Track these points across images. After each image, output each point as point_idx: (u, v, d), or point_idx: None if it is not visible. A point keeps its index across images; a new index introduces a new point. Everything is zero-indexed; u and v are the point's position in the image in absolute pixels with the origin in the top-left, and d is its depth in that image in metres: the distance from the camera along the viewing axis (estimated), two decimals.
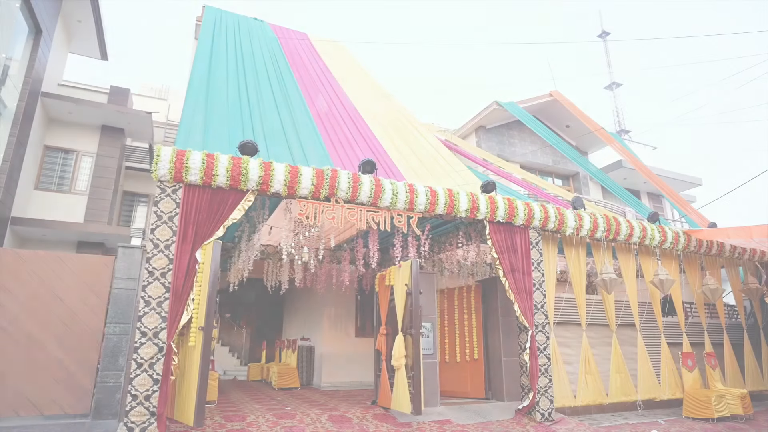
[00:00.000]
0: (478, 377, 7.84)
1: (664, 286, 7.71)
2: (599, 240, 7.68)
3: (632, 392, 7.64)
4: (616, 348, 7.68)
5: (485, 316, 8.06)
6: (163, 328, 4.92)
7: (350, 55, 13.49)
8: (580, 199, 7.71)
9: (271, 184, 5.56)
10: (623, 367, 7.65)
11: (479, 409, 6.91)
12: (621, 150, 12.83)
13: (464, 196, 6.60)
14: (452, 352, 8.29)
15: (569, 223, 7.28)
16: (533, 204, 7.09)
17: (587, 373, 7.30)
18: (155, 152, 5.23)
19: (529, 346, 6.59)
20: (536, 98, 14.10)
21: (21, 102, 10.47)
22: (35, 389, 5.42)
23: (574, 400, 7.10)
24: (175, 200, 5.29)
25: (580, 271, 7.57)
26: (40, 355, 5.50)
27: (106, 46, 14.35)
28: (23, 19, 10.44)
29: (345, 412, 6.34)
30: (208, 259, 5.17)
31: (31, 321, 5.53)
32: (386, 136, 8.74)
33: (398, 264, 6.52)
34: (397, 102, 10.96)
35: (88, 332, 5.75)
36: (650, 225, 8.10)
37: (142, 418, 4.66)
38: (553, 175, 15.22)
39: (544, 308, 6.95)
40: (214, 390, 7.04)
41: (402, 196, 6.20)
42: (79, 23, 13.19)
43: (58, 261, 5.82)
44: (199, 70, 8.38)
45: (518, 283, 6.77)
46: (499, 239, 6.81)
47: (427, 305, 7.33)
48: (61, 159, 12.66)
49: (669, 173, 16.53)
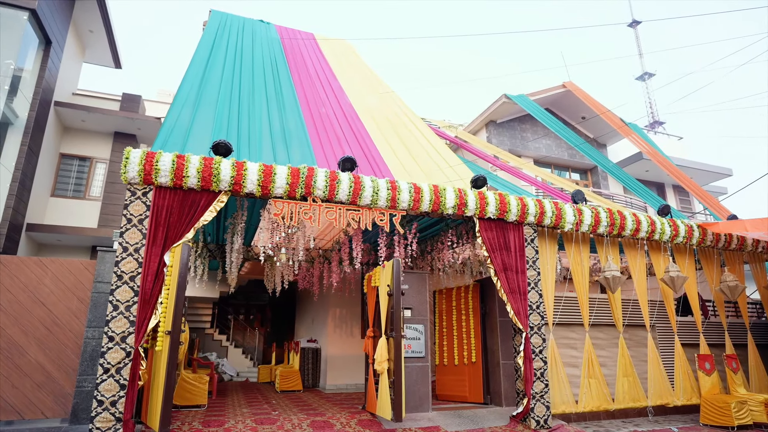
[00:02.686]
0: (477, 381, 7.51)
1: (675, 283, 7.20)
2: (603, 236, 7.24)
3: (642, 397, 7.16)
4: (623, 350, 7.21)
5: (483, 317, 7.73)
6: (131, 333, 4.85)
7: (355, 52, 13.33)
8: (581, 193, 7.29)
9: (244, 184, 5.44)
10: (631, 370, 7.18)
11: (473, 415, 6.61)
12: (639, 142, 12.18)
13: (451, 192, 6.31)
14: (450, 355, 7.99)
15: (568, 218, 6.88)
16: (527, 199, 6.73)
17: (591, 377, 6.88)
18: (124, 154, 5.18)
19: (523, 349, 6.24)
20: (549, 90, 13.58)
21: (32, 111, 10.78)
22: (16, 394, 5.47)
23: (576, 406, 6.70)
24: (145, 203, 5.23)
25: (583, 268, 7.15)
26: (22, 360, 5.55)
27: (119, 54, 14.67)
28: (32, 31, 10.76)
29: (330, 417, 6.15)
30: (176, 262, 5.09)
31: (12, 326, 5.59)
32: (380, 134, 8.52)
33: (382, 264, 6.29)
34: (397, 98, 10.72)
35: (70, 337, 5.78)
36: (660, 219, 7.59)
37: (108, 424, 4.60)
38: (569, 169, 14.63)
39: (541, 309, 6.59)
40: (203, 393, 6.99)
41: (383, 193, 5.97)
42: (91, 33, 13.53)
43: (40, 265, 5.86)
44: (193, 74, 8.35)
45: (511, 282, 6.43)
46: (490, 236, 6.48)
47: (419, 306, 7.08)
48: (77, 166, 13.00)
49: (697, 164, 15.66)
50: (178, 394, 6.86)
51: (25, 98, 10.72)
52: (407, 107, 10.37)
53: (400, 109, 10.16)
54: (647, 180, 15.65)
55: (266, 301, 15.70)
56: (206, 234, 8.86)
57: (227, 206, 6.93)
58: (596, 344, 7.86)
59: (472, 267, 8.60)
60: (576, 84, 13.21)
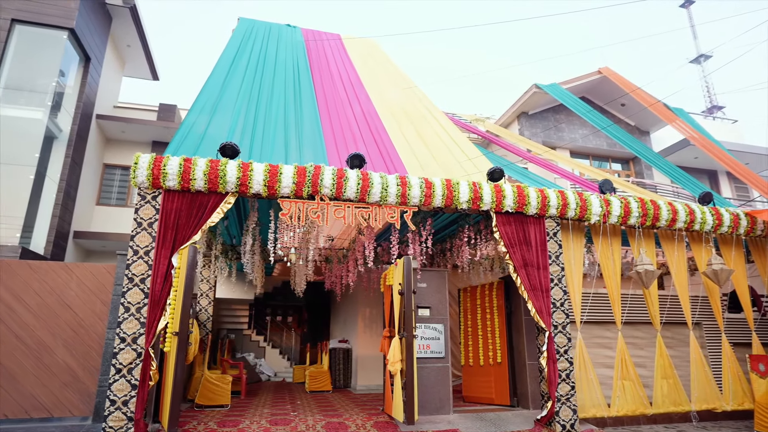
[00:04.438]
0: (503, 383, 7.20)
1: (719, 277, 6.61)
2: (634, 227, 6.75)
3: (684, 401, 6.62)
4: (661, 349, 6.69)
5: (509, 315, 7.40)
6: (142, 334, 4.95)
7: (380, 50, 13.24)
8: (609, 182, 6.83)
9: (250, 185, 5.44)
10: (671, 371, 6.65)
11: (497, 418, 6.32)
12: (684, 127, 11.37)
13: (465, 185, 6.07)
14: (476, 355, 7.71)
15: (594, 209, 6.46)
16: (548, 190, 6.37)
17: (624, 379, 6.43)
18: (133, 160, 5.31)
19: (547, 349, 5.90)
20: (583, 77, 12.95)
21: (74, 125, 11.37)
22: (46, 392, 5.72)
23: (608, 410, 6.27)
24: (154, 206, 5.34)
25: (613, 263, 6.70)
26: (50, 360, 5.81)
27: (155, 67, 15.28)
28: (72, 49, 11.37)
29: (347, 419, 6.06)
30: (183, 263, 5.15)
31: (42, 328, 5.86)
32: (399, 130, 8.35)
33: (395, 262, 6.14)
34: (420, 92, 10.51)
35: (94, 338, 5.99)
36: (701, 207, 7.00)
37: (120, 423, 4.71)
38: (609, 160, 13.89)
39: (566, 306, 6.21)
40: (226, 393, 7.08)
41: (393, 189, 5.81)
42: (129, 48, 14.16)
43: (66, 270, 6.12)
44: (213, 82, 8.48)
45: (532, 279, 6.10)
46: (508, 231, 6.18)
47: (438, 305, 6.87)
48: (119, 175, 13.64)
49: (753, 148, 14.46)
50: (201, 395, 6.98)
51: (67, 113, 11.33)
52: (429, 101, 10.15)
53: (421, 103, 9.95)
54: (697, 168, 14.62)
55: (303, 303, 15.85)
56: (231, 236, 9.02)
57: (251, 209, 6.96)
58: (633, 343, 7.38)
59: (497, 264, 8.27)
60: (612, 69, 12.52)
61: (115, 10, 12.86)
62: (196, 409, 6.89)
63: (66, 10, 11.02)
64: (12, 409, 5.59)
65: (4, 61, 10.49)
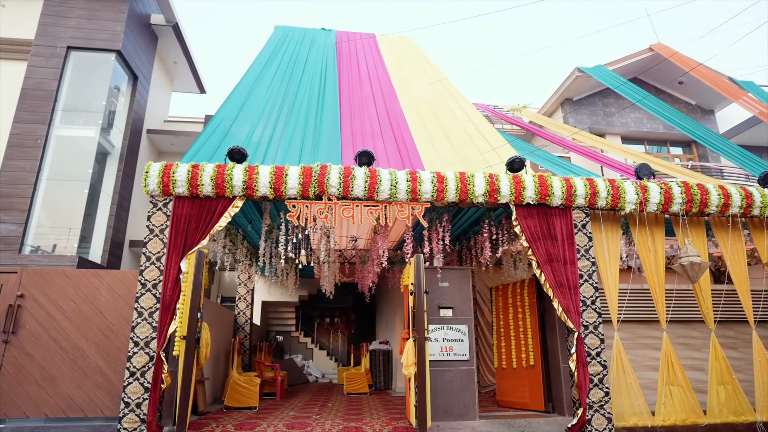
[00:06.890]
0: (537, 386, 6.73)
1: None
2: (678, 215, 6.07)
3: (746, 410, 5.85)
4: (716, 351, 5.96)
5: (541, 314, 6.92)
6: (154, 338, 5.07)
7: (415, 46, 13.00)
8: (647, 167, 6.18)
9: (256, 188, 5.44)
10: (729, 376, 5.90)
11: (527, 425, 5.90)
12: (752, 103, 10.21)
13: (480, 178, 5.72)
14: (509, 357, 7.28)
15: (628, 197, 5.87)
16: (575, 179, 5.87)
17: (671, 384, 5.77)
18: (145, 168, 5.47)
19: (575, 351, 5.42)
20: (632, 56, 11.97)
21: (125, 141, 12.10)
22: (81, 394, 6.03)
23: (652, 419, 5.66)
24: (166, 213, 5.47)
25: (656, 255, 6.05)
26: (84, 363, 6.12)
27: (201, 81, 15.96)
28: (120, 69, 12.11)
29: (365, 423, 5.90)
30: (191, 268, 5.23)
31: (76, 332, 6.19)
32: (422, 124, 8.08)
33: (408, 261, 5.90)
34: (449, 84, 10.16)
35: (123, 342, 6.23)
36: (760, 190, 6.17)
37: (134, 424, 4.85)
38: (667, 143, 12.75)
39: (597, 304, 5.68)
40: (254, 395, 7.15)
41: (402, 185, 5.59)
42: (176, 64, 14.89)
43: (98, 277, 6.43)
44: (239, 92, 8.62)
45: (558, 275, 5.63)
46: (529, 225, 5.76)
47: (461, 305, 6.55)
48: None
49: None
50: (230, 397, 7.11)
51: (118, 129, 12.06)
52: (458, 93, 9.78)
53: (450, 95, 9.61)
54: None
55: (349, 304, 15.92)
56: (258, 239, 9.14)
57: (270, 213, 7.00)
58: (688, 344, 6.69)
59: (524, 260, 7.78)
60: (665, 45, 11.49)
61: (160, 30, 13.54)
62: (225, 410, 7.01)
63: (113, 33, 11.73)
64: (51, 409, 5.95)
65: (62, 86, 11.36)
